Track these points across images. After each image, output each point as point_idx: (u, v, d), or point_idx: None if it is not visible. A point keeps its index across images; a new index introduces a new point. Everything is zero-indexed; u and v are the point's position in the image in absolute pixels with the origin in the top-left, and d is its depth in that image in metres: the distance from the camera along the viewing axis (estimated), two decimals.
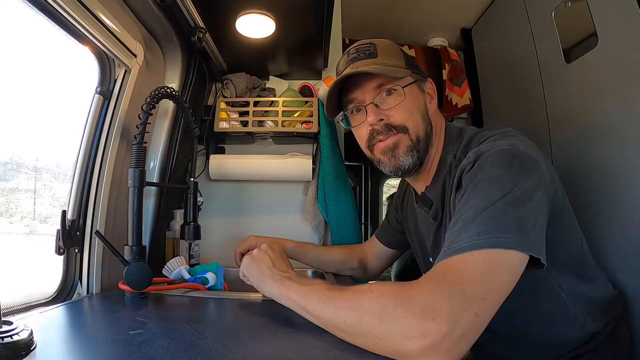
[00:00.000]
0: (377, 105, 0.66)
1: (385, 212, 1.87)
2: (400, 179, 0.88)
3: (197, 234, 0.94)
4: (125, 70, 0.81)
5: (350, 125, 0.72)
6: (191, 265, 0.91)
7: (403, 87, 0.65)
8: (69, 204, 0.76)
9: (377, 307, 0.44)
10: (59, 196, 0.81)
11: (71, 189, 0.76)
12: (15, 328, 0.43)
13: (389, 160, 0.67)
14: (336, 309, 0.48)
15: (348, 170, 1.19)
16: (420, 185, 0.73)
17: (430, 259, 0.75)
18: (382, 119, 0.66)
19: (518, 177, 0.50)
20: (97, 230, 0.75)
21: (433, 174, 0.69)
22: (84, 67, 0.77)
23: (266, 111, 1.14)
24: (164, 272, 0.82)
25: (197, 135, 0.95)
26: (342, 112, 0.72)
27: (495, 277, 0.44)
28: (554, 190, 0.57)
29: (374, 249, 0.98)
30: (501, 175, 0.50)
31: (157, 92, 0.74)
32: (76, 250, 0.76)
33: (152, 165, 0.99)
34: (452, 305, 0.40)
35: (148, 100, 0.72)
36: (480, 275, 0.43)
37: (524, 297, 0.61)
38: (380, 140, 0.67)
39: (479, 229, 0.46)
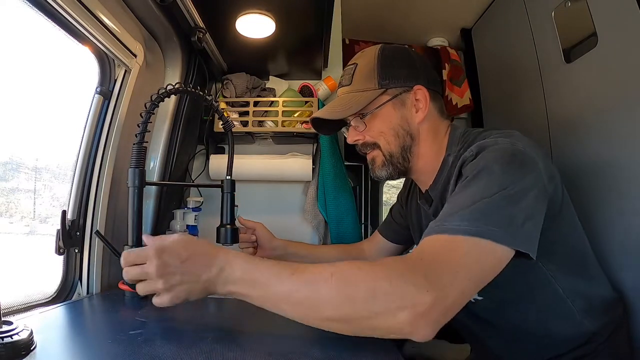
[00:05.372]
0: (355, 125, 0.73)
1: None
2: (403, 177, 0.89)
3: (235, 237, 0.83)
4: (125, 70, 0.81)
5: None
6: None
7: (373, 110, 0.70)
8: (69, 204, 0.76)
9: (371, 283, 0.44)
10: (59, 196, 0.81)
11: (71, 189, 0.76)
12: (15, 328, 0.44)
13: (371, 170, 0.75)
14: (318, 291, 0.46)
15: (348, 170, 1.19)
16: (423, 184, 0.76)
17: None
18: (358, 139, 0.73)
19: (516, 175, 0.52)
20: (97, 230, 0.75)
21: (435, 174, 0.70)
22: (84, 67, 0.77)
23: (266, 111, 1.14)
24: None
25: (230, 129, 0.85)
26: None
27: (482, 265, 0.47)
28: (554, 188, 0.59)
29: (376, 245, 0.98)
30: (501, 171, 0.52)
31: (162, 92, 0.72)
32: (76, 250, 0.76)
33: (152, 165, 0.99)
34: (443, 281, 0.44)
35: (154, 97, 0.71)
36: (469, 260, 0.46)
37: (521, 291, 0.64)
38: (365, 152, 0.75)
39: (473, 216, 0.48)
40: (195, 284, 0.50)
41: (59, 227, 0.71)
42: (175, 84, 0.70)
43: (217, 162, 1.14)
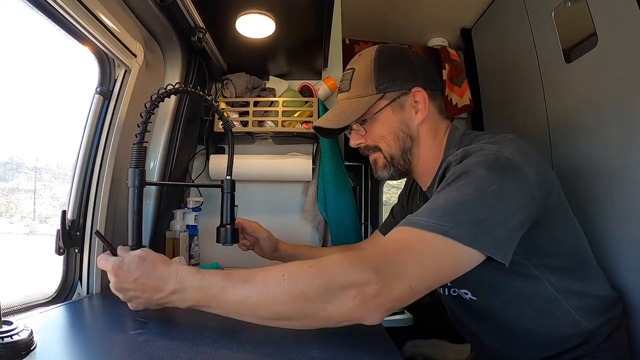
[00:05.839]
0: (357, 130, 0.74)
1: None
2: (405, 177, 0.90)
3: (235, 237, 0.83)
4: (125, 70, 0.81)
5: None
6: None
7: (372, 115, 0.71)
8: (69, 204, 0.76)
9: (321, 278, 0.47)
10: (59, 196, 0.81)
11: (71, 189, 0.76)
12: (15, 328, 0.44)
13: (374, 171, 0.78)
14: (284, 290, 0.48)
15: (348, 170, 1.19)
16: (424, 184, 0.77)
17: None
18: (360, 143, 0.75)
19: (495, 179, 0.52)
20: (97, 230, 0.74)
21: (434, 175, 0.71)
22: (84, 67, 0.77)
23: (266, 111, 1.14)
24: None
25: (230, 129, 0.85)
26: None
27: (439, 262, 0.48)
28: (546, 193, 0.58)
29: (377, 244, 0.98)
30: (480, 175, 0.53)
31: (162, 92, 0.72)
32: (76, 250, 0.76)
33: (152, 165, 0.99)
34: (391, 273, 0.46)
35: (154, 97, 0.70)
36: (425, 255, 0.48)
37: (515, 291, 0.65)
38: (367, 154, 0.77)
39: (442, 214, 0.49)
40: (150, 300, 0.54)
41: (59, 227, 0.71)
42: (175, 84, 0.70)
43: (217, 162, 1.14)
